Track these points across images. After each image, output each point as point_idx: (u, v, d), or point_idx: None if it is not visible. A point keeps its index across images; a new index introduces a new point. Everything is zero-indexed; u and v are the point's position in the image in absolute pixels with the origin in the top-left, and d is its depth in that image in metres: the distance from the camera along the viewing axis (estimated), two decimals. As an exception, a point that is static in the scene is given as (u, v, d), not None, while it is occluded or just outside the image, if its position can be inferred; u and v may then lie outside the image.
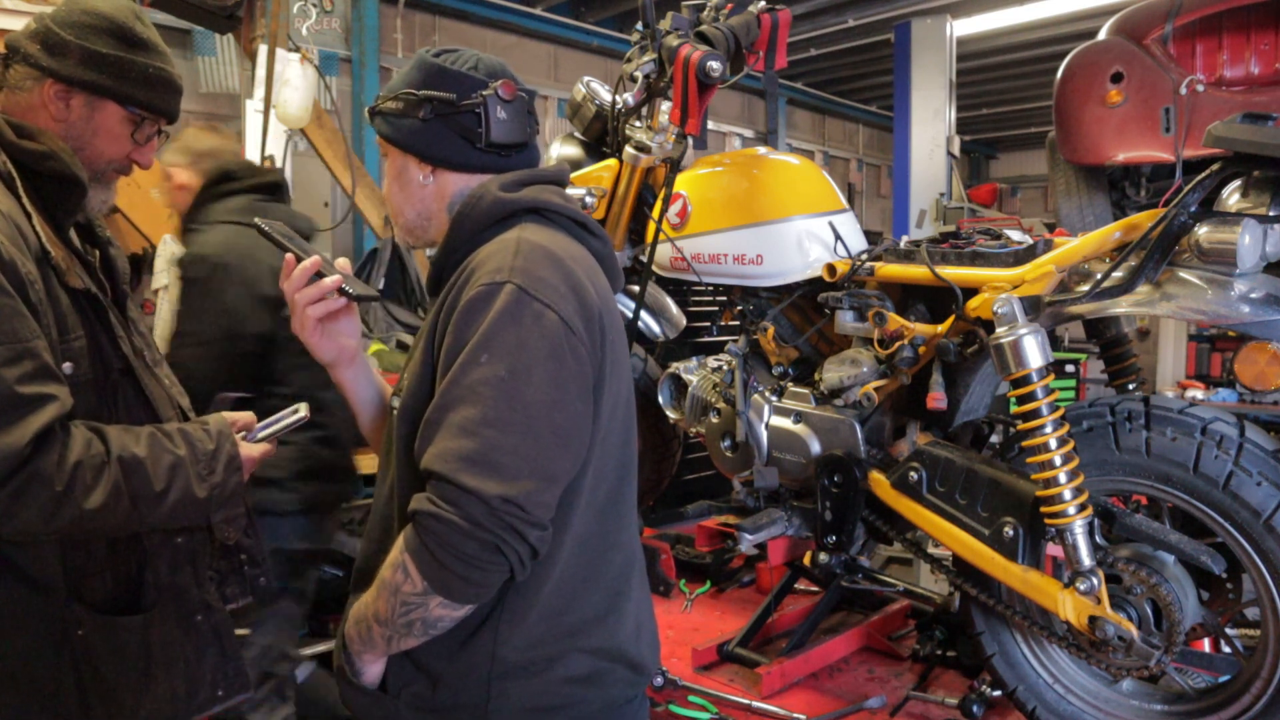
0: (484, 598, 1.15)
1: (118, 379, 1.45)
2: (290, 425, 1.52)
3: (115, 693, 1.41)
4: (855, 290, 2.02)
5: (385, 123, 1.32)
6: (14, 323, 1.23)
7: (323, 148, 3.97)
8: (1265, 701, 1.60)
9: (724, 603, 2.70)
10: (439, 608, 1.13)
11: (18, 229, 1.29)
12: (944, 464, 1.86)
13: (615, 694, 1.29)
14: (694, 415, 2.39)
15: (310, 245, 1.39)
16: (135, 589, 1.47)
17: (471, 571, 1.09)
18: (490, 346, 1.13)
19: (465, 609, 1.15)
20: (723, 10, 1.99)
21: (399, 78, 1.33)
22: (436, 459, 1.11)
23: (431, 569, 1.10)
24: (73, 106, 1.43)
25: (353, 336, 1.39)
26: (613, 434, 1.27)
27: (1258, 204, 1.56)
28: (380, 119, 1.33)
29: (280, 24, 3.30)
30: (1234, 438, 1.60)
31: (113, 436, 1.31)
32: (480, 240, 1.26)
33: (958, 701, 2.00)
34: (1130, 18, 3.60)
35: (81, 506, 1.24)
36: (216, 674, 1.55)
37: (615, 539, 1.31)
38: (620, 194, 2.32)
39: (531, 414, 1.12)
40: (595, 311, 1.23)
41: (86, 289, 1.40)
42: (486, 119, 1.29)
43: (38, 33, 1.42)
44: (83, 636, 1.38)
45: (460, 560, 1.09)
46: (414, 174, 1.32)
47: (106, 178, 1.51)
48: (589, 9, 6.84)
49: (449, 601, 1.12)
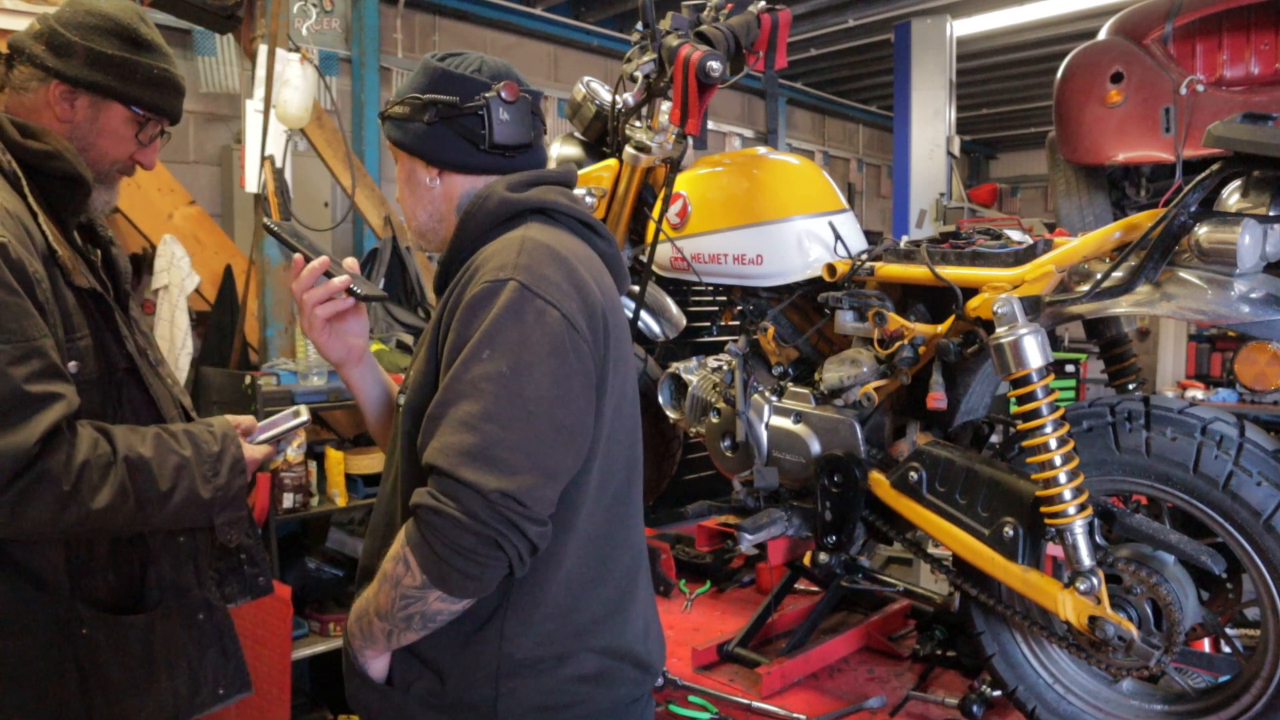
0: (483, 592, 1.15)
1: (122, 378, 1.45)
2: (292, 428, 1.53)
3: (118, 691, 1.42)
4: (855, 290, 2.02)
5: (393, 127, 1.34)
6: (22, 322, 1.23)
7: (323, 148, 3.97)
8: (1265, 701, 1.60)
9: (724, 603, 2.70)
10: (437, 601, 1.13)
11: (24, 228, 1.30)
12: (944, 464, 1.86)
13: (623, 693, 1.30)
14: (694, 415, 2.39)
15: (318, 244, 1.39)
16: (138, 588, 1.47)
17: (470, 566, 1.10)
18: (493, 343, 1.13)
19: (463, 604, 1.15)
20: (723, 10, 1.99)
21: (406, 83, 1.35)
22: (437, 453, 1.12)
23: (431, 562, 1.11)
24: (77, 107, 1.43)
25: (360, 336, 1.41)
26: (619, 433, 1.28)
27: (1258, 204, 1.56)
28: (389, 124, 1.35)
29: (280, 24, 3.30)
30: (1234, 438, 1.60)
31: (119, 436, 1.31)
32: (486, 240, 1.27)
33: (958, 701, 2.00)
34: (1130, 18, 3.60)
35: (88, 506, 1.24)
36: (218, 673, 1.56)
37: (623, 538, 1.31)
38: (620, 194, 2.32)
39: (532, 410, 1.13)
40: (598, 310, 1.23)
41: (92, 288, 1.40)
42: (489, 121, 1.30)
43: (42, 33, 1.42)
44: (86, 635, 1.39)
45: (459, 554, 1.09)
46: (421, 177, 1.34)
47: (110, 178, 1.52)
48: (589, 9, 6.83)
49: (447, 595, 1.13)
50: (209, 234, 3.81)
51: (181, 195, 3.79)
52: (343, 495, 3.35)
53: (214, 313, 3.72)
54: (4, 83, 1.45)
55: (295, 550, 3.59)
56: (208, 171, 5.00)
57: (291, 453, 3.17)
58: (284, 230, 1.41)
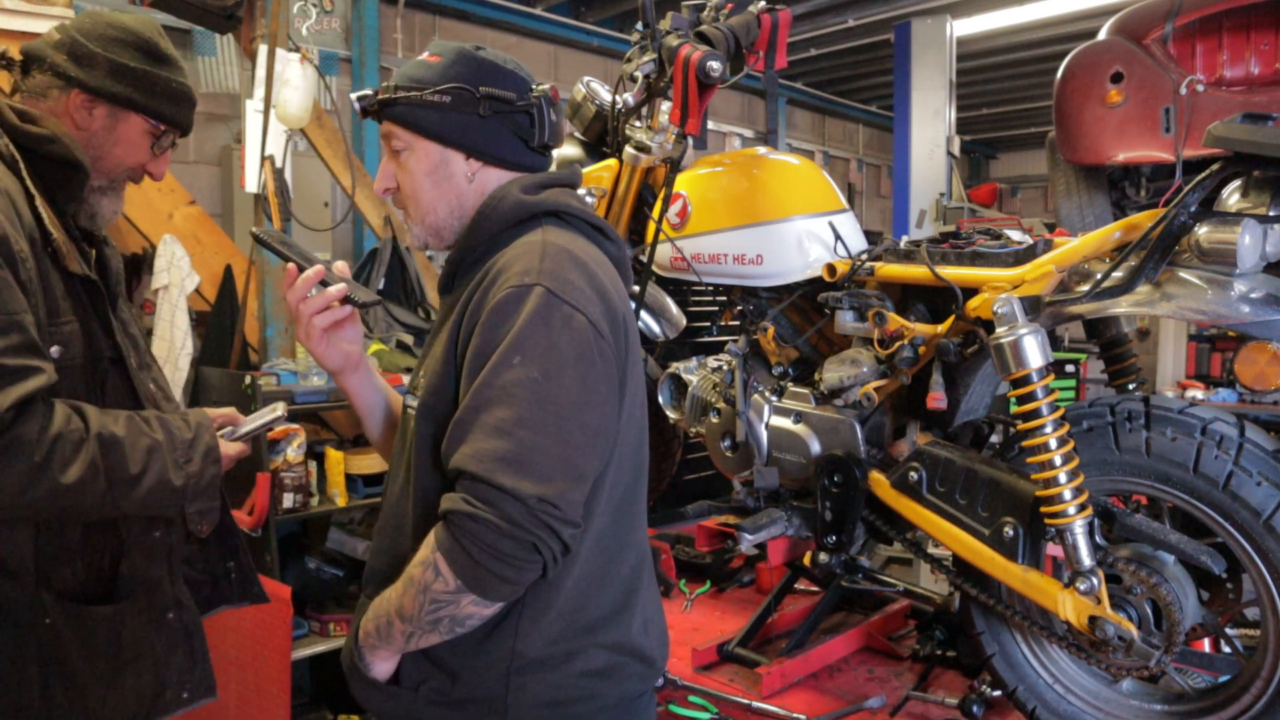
0: (516, 595, 1.16)
1: (107, 368, 1.46)
2: (268, 425, 1.53)
3: (81, 686, 1.40)
4: (855, 290, 2.02)
5: (425, 115, 1.26)
6: (3, 294, 1.24)
7: (323, 148, 3.97)
8: (1265, 701, 1.60)
9: (724, 603, 2.70)
10: (471, 605, 1.14)
11: (14, 208, 1.31)
12: (944, 464, 1.86)
13: (629, 688, 1.30)
14: (694, 415, 2.39)
15: (309, 251, 1.39)
16: (108, 580, 1.46)
17: (507, 570, 1.11)
18: (523, 349, 1.14)
19: (496, 606, 1.16)
20: (723, 10, 1.99)
21: (431, 71, 1.27)
22: (470, 459, 1.12)
23: (467, 567, 1.11)
24: (95, 116, 1.46)
25: (356, 343, 1.40)
26: (629, 434, 1.28)
27: (1258, 204, 1.56)
28: (418, 110, 1.27)
29: (280, 24, 3.29)
30: (1234, 438, 1.60)
31: (92, 415, 1.31)
32: (500, 241, 1.26)
33: (958, 701, 2.00)
34: (1130, 18, 3.60)
35: (58, 480, 1.23)
36: (184, 675, 1.53)
37: (629, 537, 1.32)
38: (620, 194, 2.32)
39: (563, 415, 1.14)
40: (619, 314, 1.25)
41: (84, 275, 1.41)
42: (540, 119, 1.30)
43: (64, 43, 1.45)
44: (50, 625, 1.37)
45: (497, 559, 1.10)
46: (457, 169, 1.30)
47: (119, 186, 1.54)
48: (589, 9, 6.84)
49: (482, 599, 1.13)
50: (209, 234, 3.81)
51: (181, 195, 3.78)
52: (343, 495, 3.35)
53: (214, 313, 3.72)
54: (18, 87, 1.48)
55: (295, 550, 3.59)
56: (208, 171, 5.00)
57: (291, 453, 3.16)
58: (273, 238, 1.39)
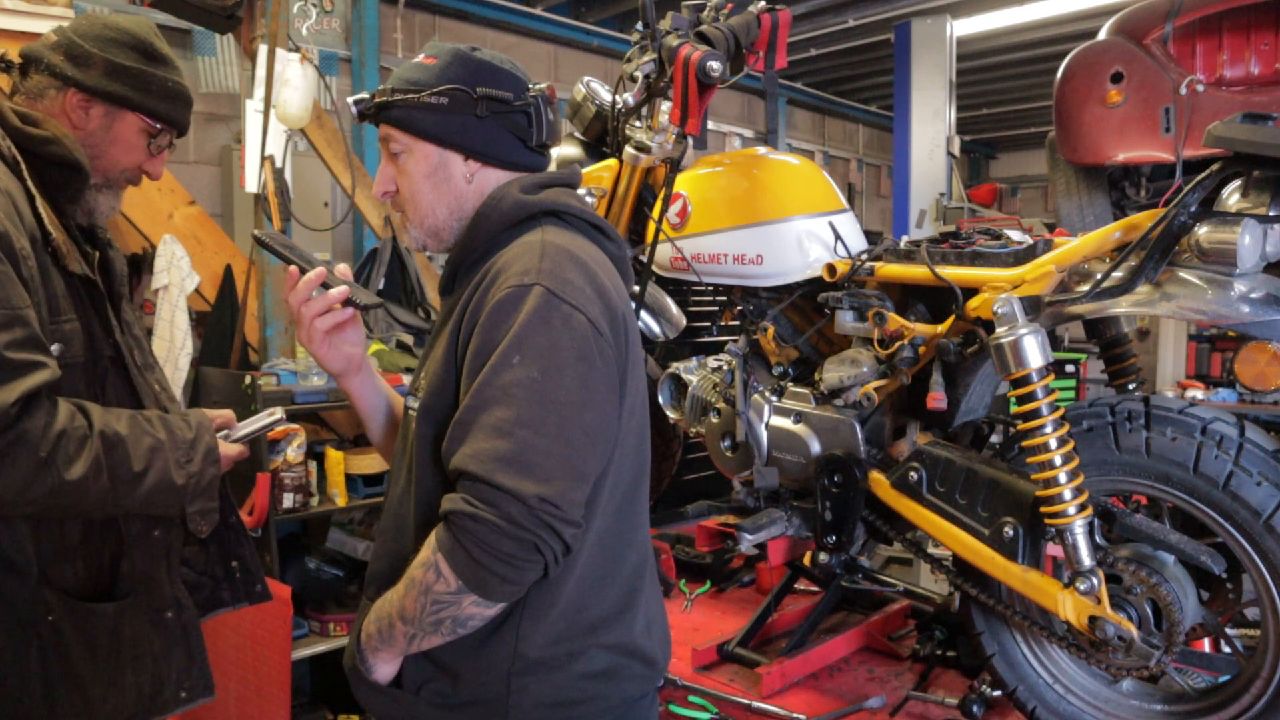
0: (517, 595, 1.16)
1: (107, 366, 1.47)
2: (266, 428, 1.54)
3: (82, 683, 1.41)
4: (855, 290, 2.02)
5: (423, 117, 1.26)
6: (7, 289, 1.24)
7: (323, 148, 3.97)
8: (1265, 701, 1.60)
9: (724, 603, 2.70)
10: (472, 606, 1.14)
11: (15, 207, 1.32)
12: (944, 464, 1.86)
13: (631, 689, 1.30)
14: (694, 415, 2.39)
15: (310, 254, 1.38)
16: (109, 578, 1.47)
17: (509, 570, 1.10)
18: (522, 348, 1.13)
19: (497, 607, 1.16)
20: (723, 10, 1.99)
21: (427, 73, 1.27)
22: (470, 459, 1.12)
23: (468, 568, 1.11)
24: (92, 115, 1.47)
25: (358, 345, 1.40)
26: (630, 434, 1.28)
27: (1258, 204, 1.56)
28: (415, 112, 1.26)
29: (280, 24, 3.29)
30: (1234, 438, 1.60)
31: (95, 412, 1.32)
32: (499, 241, 1.26)
33: (958, 701, 2.00)
34: (1130, 18, 3.60)
35: (62, 477, 1.24)
36: (182, 674, 1.54)
37: (631, 537, 1.32)
38: (620, 194, 2.32)
39: (564, 415, 1.13)
40: (619, 313, 1.25)
41: (85, 274, 1.42)
42: (538, 119, 1.30)
43: (60, 44, 1.47)
44: (52, 623, 1.38)
45: (499, 560, 1.10)
46: (455, 171, 1.29)
47: (117, 186, 1.55)
48: (589, 9, 6.83)
49: (483, 600, 1.13)
50: (209, 234, 3.81)
51: (181, 195, 3.78)
52: (343, 495, 3.35)
53: (214, 313, 3.72)
54: (18, 89, 1.49)
55: (295, 550, 3.59)
56: (208, 171, 5.00)
57: (291, 453, 3.16)
58: (275, 241, 1.39)
